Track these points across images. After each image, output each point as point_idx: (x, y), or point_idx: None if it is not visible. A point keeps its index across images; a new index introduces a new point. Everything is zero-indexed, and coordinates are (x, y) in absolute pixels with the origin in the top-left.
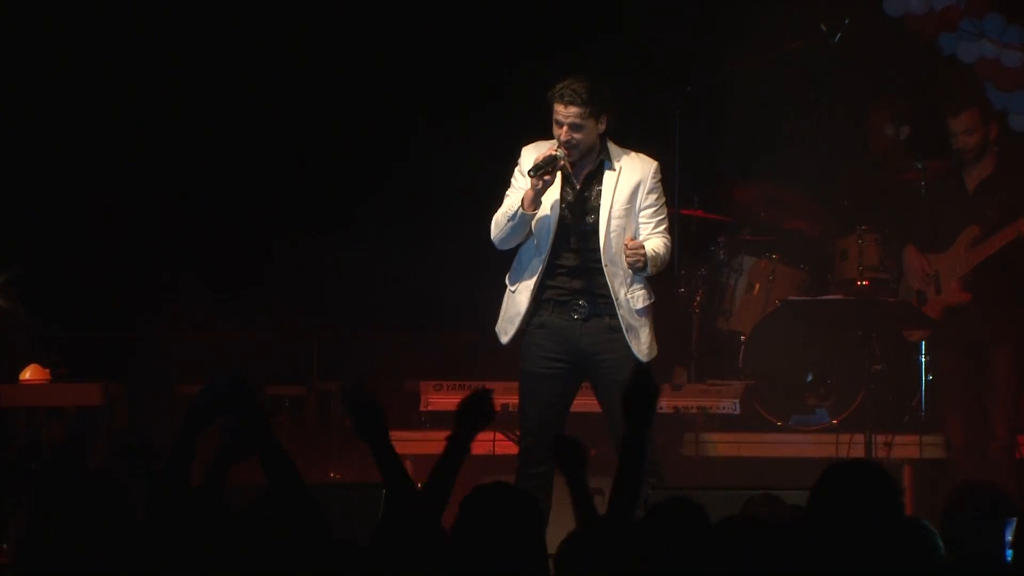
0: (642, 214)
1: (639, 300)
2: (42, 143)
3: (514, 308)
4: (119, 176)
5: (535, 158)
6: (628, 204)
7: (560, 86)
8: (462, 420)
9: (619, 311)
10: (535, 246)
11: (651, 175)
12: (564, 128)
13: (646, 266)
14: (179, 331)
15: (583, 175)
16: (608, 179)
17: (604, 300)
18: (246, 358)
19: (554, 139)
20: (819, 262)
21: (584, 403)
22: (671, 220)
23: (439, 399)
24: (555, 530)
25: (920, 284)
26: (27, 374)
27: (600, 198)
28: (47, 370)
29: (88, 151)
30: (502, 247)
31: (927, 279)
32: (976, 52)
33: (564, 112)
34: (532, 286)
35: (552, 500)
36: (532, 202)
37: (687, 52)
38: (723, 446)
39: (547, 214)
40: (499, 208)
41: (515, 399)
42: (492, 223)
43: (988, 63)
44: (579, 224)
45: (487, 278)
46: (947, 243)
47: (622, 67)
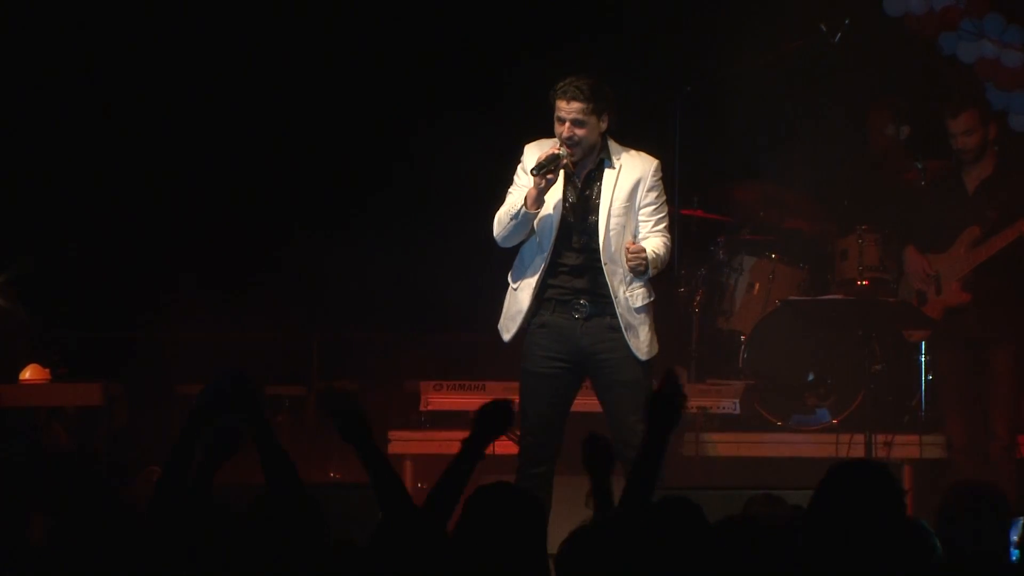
0: (642, 212)
1: (638, 298)
2: (42, 143)
3: (516, 306)
4: (119, 176)
5: (538, 157)
6: (628, 202)
7: (562, 83)
8: (480, 425)
9: (618, 309)
10: (537, 244)
11: (651, 173)
12: (566, 124)
13: (647, 269)
14: (179, 331)
15: (584, 174)
16: (608, 177)
17: (606, 299)
18: (246, 358)
19: (556, 138)
20: (819, 262)
21: (584, 403)
22: (671, 219)
23: (439, 399)
24: (555, 530)
25: (921, 284)
26: (27, 374)
27: (600, 196)
28: (47, 370)
29: (88, 151)
30: (504, 245)
31: (927, 279)
32: (976, 52)
33: (566, 108)
34: (534, 284)
35: (552, 500)
36: (535, 201)
37: (687, 52)
38: (723, 446)
39: (549, 213)
40: (501, 206)
41: (515, 399)
42: (495, 221)
43: (988, 63)
44: (581, 223)
45: (487, 278)
46: (947, 243)
47: (622, 67)
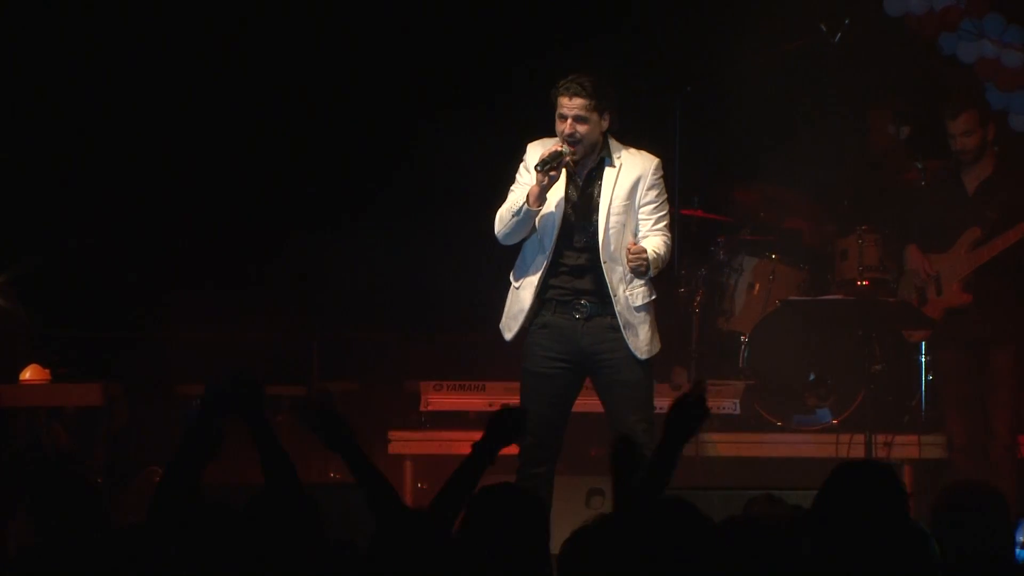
0: (642, 210)
1: (638, 297)
2: (42, 143)
3: (518, 305)
4: (119, 176)
5: (540, 154)
6: (627, 200)
7: (565, 80)
8: (492, 431)
9: (617, 307)
10: (539, 243)
11: (651, 171)
12: (568, 121)
13: (648, 269)
14: (179, 331)
15: (585, 173)
16: (608, 175)
17: (606, 299)
18: (246, 358)
19: (557, 137)
20: (819, 262)
21: (585, 403)
22: (671, 219)
23: (439, 399)
24: (555, 530)
25: (921, 283)
26: (27, 374)
27: (600, 194)
28: (47, 370)
29: (88, 150)
30: (506, 242)
31: (928, 279)
32: (976, 52)
33: (569, 104)
34: (536, 283)
35: (552, 500)
36: (537, 198)
37: (687, 52)
38: (723, 446)
39: (551, 211)
40: (503, 204)
41: (515, 399)
42: (496, 218)
43: (988, 63)
44: (582, 222)
45: (487, 278)
46: (947, 244)
47: (623, 67)
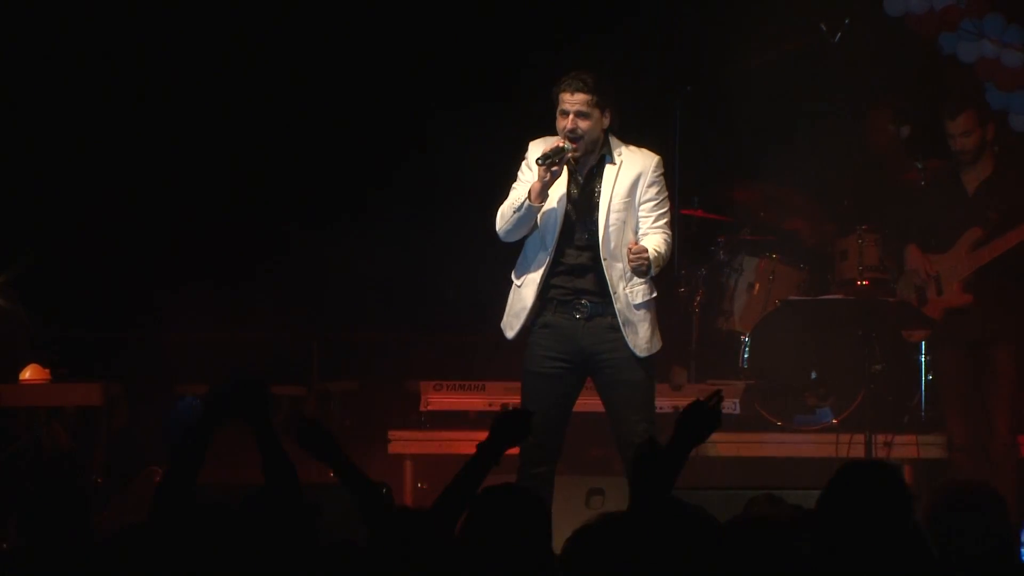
0: (642, 208)
1: (638, 295)
2: (41, 143)
3: (520, 303)
4: (118, 175)
5: (543, 150)
6: (628, 197)
7: (566, 77)
8: (497, 432)
9: (617, 305)
10: (540, 241)
11: (652, 168)
12: (570, 116)
13: (649, 268)
14: (179, 331)
15: (586, 170)
16: (608, 173)
17: (607, 299)
18: (246, 358)
19: (559, 135)
20: (819, 262)
21: (585, 403)
22: (671, 217)
23: (439, 399)
24: (555, 530)
25: (921, 282)
26: (27, 374)
27: (601, 192)
28: (47, 370)
29: (87, 150)
30: (507, 239)
31: (928, 278)
32: (976, 52)
33: (570, 99)
34: (538, 281)
35: (553, 500)
36: (539, 194)
37: (688, 52)
38: (723, 446)
39: (553, 207)
40: (505, 201)
41: (516, 399)
42: (498, 215)
43: (988, 63)
44: (583, 219)
45: (488, 278)
46: (947, 244)
47: (623, 67)
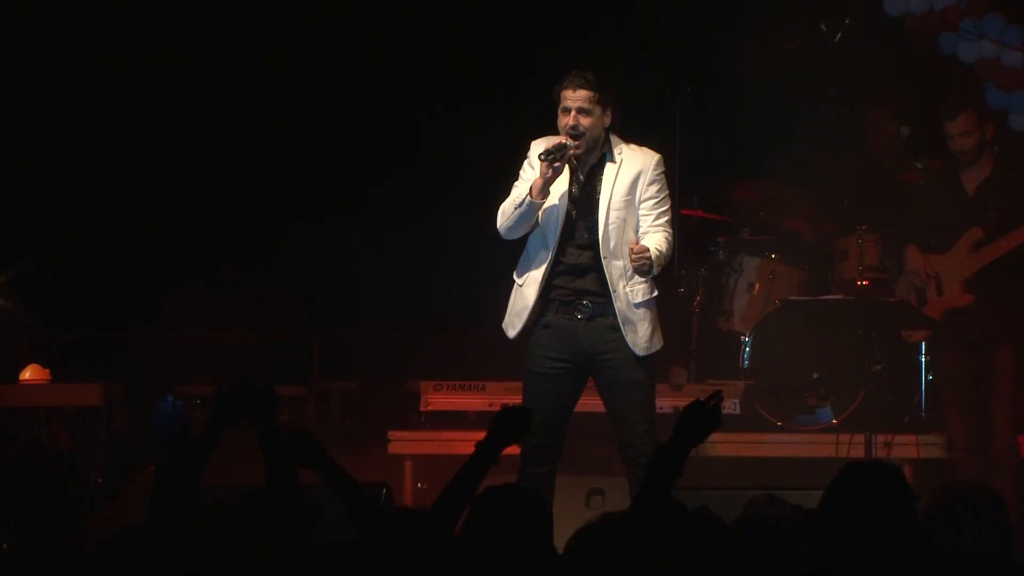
0: (642, 206)
1: (639, 294)
2: (41, 142)
3: (522, 302)
4: (118, 175)
5: (545, 148)
6: (628, 195)
7: (568, 75)
8: (497, 431)
9: (616, 303)
10: (542, 239)
11: (652, 166)
12: (572, 113)
13: (652, 268)
14: (179, 331)
15: (587, 169)
16: (609, 171)
17: (608, 299)
18: (246, 358)
19: (561, 133)
20: (819, 262)
21: (585, 403)
22: (672, 215)
23: (439, 399)
24: (556, 530)
25: (921, 283)
26: (27, 374)
27: (601, 190)
28: (47, 370)
29: (87, 150)
30: (508, 236)
31: (928, 279)
32: (976, 52)
33: (572, 96)
34: (540, 280)
35: (553, 500)
36: (541, 190)
37: (688, 52)
38: (723, 446)
39: (554, 204)
40: (506, 199)
41: (516, 399)
42: (499, 212)
43: (988, 63)
44: (584, 218)
45: (488, 278)
46: (947, 244)
47: (623, 67)
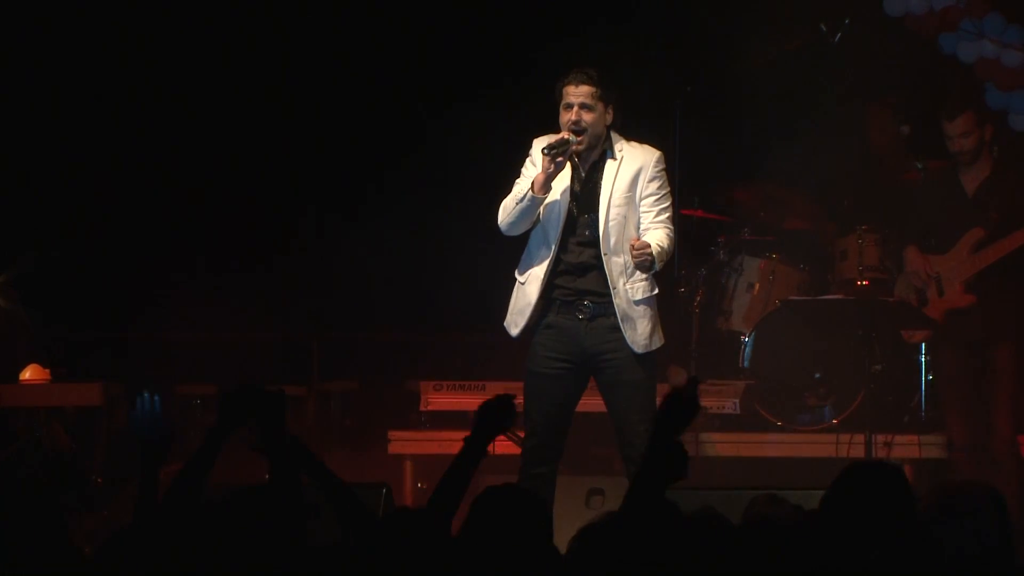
0: (643, 203)
1: (639, 291)
2: (41, 142)
3: (524, 299)
4: (119, 175)
5: (548, 142)
6: (629, 192)
7: (570, 71)
8: (481, 422)
9: (616, 301)
10: (543, 237)
11: (653, 163)
12: (574, 109)
13: (653, 264)
14: (179, 331)
15: (588, 166)
16: (609, 168)
17: (608, 299)
18: (246, 358)
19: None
20: (819, 262)
21: (586, 403)
22: (673, 213)
23: (439, 399)
24: (556, 530)
25: (921, 284)
26: (27, 374)
27: (601, 187)
28: (47, 370)
29: (87, 150)
30: (509, 233)
31: (928, 280)
32: (976, 52)
33: (575, 91)
34: (542, 277)
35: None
36: (543, 186)
37: (688, 52)
38: (723, 446)
39: (556, 200)
40: (508, 196)
41: (516, 399)
42: (500, 208)
43: (988, 63)
44: (585, 215)
45: (488, 279)
46: (947, 245)
47: (623, 67)
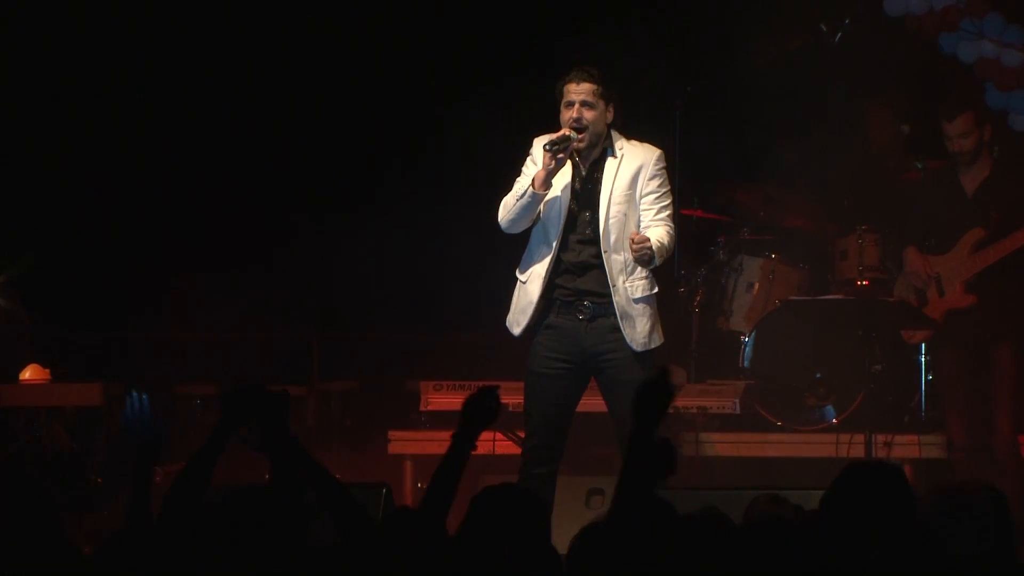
0: (643, 201)
1: (638, 289)
2: (41, 142)
3: (525, 298)
4: (119, 175)
5: (550, 138)
6: (629, 190)
7: (572, 70)
8: (467, 418)
9: (616, 298)
10: (544, 235)
11: (653, 161)
12: (576, 106)
13: (653, 258)
14: (179, 331)
15: (589, 164)
16: (610, 166)
17: (608, 299)
18: (246, 358)
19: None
20: (819, 262)
21: (586, 403)
22: (673, 211)
23: (439, 399)
24: (556, 530)
25: (921, 284)
26: (27, 374)
27: (602, 185)
28: (47, 370)
29: (87, 150)
30: (509, 230)
31: (928, 280)
32: (976, 52)
33: (576, 89)
34: (543, 276)
35: (554, 500)
36: (543, 182)
37: (688, 53)
38: (723, 446)
39: (556, 199)
40: (508, 194)
41: (516, 399)
42: (500, 206)
43: (988, 63)
44: (586, 213)
45: (488, 279)
46: (947, 245)
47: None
